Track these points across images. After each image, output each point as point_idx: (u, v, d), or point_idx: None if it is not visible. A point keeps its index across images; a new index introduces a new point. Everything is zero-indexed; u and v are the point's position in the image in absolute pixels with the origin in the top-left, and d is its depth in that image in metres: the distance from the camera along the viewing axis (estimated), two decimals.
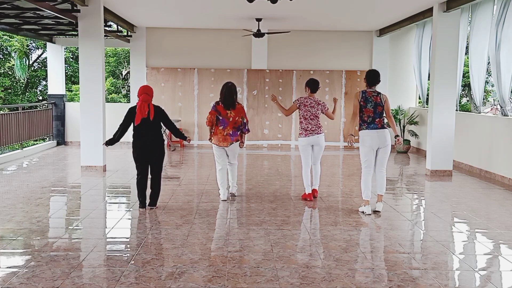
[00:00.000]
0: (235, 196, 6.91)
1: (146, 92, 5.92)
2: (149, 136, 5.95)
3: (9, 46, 19.91)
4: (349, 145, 5.97)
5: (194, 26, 12.56)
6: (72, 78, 21.30)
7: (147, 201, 6.17)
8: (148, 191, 6.18)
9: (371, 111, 5.84)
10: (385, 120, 6.07)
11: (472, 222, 5.77)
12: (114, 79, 21.97)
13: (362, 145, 5.95)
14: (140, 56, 12.90)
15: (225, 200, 6.61)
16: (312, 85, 6.67)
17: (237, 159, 6.87)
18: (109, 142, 5.97)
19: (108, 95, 20.67)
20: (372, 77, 5.99)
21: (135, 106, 5.96)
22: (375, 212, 6.05)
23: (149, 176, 6.17)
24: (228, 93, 6.44)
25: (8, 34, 18.94)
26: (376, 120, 5.85)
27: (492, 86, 16.76)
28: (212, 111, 6.49)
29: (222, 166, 6.67)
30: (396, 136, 6.02)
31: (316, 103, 6.59)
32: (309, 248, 4.76)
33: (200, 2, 9.36)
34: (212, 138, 6.58)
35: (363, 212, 6.00)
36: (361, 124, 5.93)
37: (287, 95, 13.00)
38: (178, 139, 12.89)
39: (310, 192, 6.71)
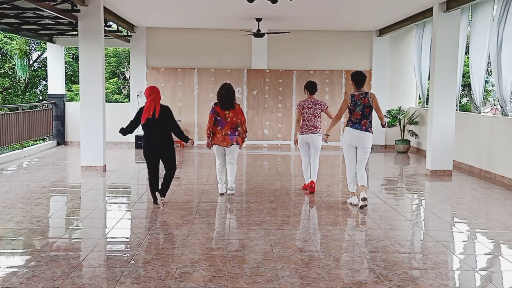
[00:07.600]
0: (234, 195, 6.93)
1: (155, 91, 6.13)
2: (156, 135, 6.14)
3: (8, 49, 19.87)
4: (324, 141, 6.64)
5: (194, 26, 12.55)
6: (72, 78, 21.29)
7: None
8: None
9: (359, 114, 6.25)
10: (372, 122, 6.36)
11: (472, 222, 5.77)
12: (116, 79, 21.98)
13: (343, 140, 6.51)
14: (140, 56, 12.89)
15: (222, 194, 6.89)
16: (310, 87, 7.06)
17: (237, 159, 6.93)
18: (122, 132, 6.26)
19: (112, 96, 20.66)
20: (360, 78, 6.29)
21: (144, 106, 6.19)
22: (362, 199, 6.18)
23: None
24: (226, 94, 6.62)
25: (8, 35, 18.94)
26: (362, 122, 6.26)
27: (492, 86, 16.75)
28: (210, 115, 6.70)
29: (223, 164, 6.92)
30: (383, 125, 6.54)
31: (314, 103, 6.98)
32: (309, 248, 4.76)
33: (200, 2, 9.35)
34: (212, 141, 6.81)
35: (351, 203, 6.47)
36: (348, 121, 6.37)
37: (287, 95, 13.00)
38: (178, 139, 12.86)
39: (309, 183, 7.14)
